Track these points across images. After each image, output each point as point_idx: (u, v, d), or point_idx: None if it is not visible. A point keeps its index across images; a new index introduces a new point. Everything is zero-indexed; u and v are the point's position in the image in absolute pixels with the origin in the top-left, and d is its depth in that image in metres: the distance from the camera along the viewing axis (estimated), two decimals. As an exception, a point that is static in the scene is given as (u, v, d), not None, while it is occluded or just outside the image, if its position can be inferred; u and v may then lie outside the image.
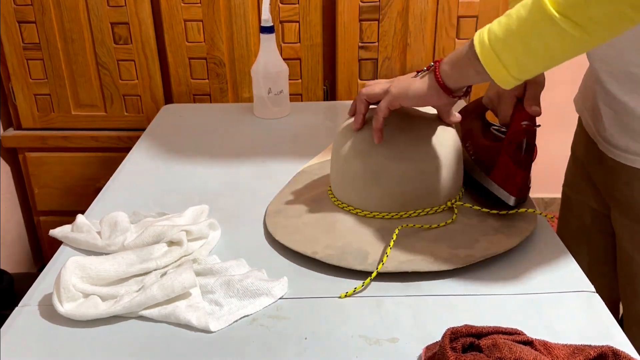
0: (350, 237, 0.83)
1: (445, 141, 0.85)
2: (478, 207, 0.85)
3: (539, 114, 0.83)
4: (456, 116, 0.87)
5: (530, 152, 0.84)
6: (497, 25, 0.68)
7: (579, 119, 1.04)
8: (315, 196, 0.93)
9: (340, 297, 0.74)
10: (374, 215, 0.85)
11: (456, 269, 0.77)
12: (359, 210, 0.86)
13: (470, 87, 0.80)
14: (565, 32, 0.63)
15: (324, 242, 0.82)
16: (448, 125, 0.87)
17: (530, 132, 0.83)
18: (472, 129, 0.95)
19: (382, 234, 0.82)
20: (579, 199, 1.04)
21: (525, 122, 0.83)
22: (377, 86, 0.83)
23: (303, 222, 0.87)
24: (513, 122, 0.84)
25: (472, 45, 0.70)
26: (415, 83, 0.78)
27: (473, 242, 0.80)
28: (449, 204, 0.86)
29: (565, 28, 0.63)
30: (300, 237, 0.84)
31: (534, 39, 0.65)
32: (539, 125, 0.83)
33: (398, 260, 0.78)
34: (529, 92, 0.84)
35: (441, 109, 0.86)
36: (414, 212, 0.85)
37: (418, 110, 0.89)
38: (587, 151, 1.00)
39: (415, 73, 0.81)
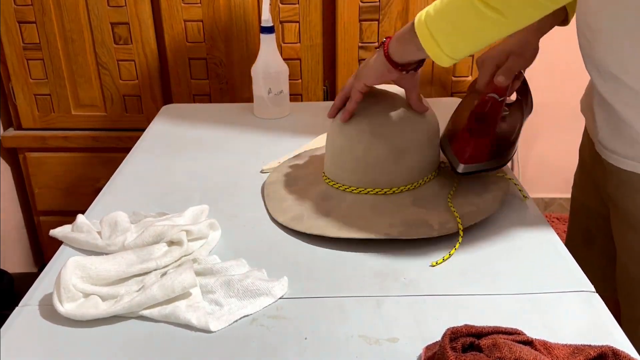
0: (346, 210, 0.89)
1: (418, 124, 0.90)
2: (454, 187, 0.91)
3: (503, 85, 0.86)
4: (422, 107, 0.91)
5: (485, 122, 0.86)
6: (433, 5, 0.75)
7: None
8: (311, 172, 1.01)
9: (432, 265, 0.79)
10: (352, 190, 0.91)
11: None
12: (353, 188, 0.92)
13: (421, 61, 0.85)
14: (484, 14, 0.69)
15: (325, 221, 0.87)
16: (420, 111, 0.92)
17: (492, 104, 0.84)
18: (469, 102, 0.98)
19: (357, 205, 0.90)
20: (585, 201, 1.05)
21: (490, 94, 0.84)
22: (350, 78, 0.90)
23: (294, 197, 0.94)
24: (483, 92, 0.86)
25: (412, 24, 0.77)
26: (369, 61, 0.85)
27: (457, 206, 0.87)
28: (420, 182, 0.91)
29: (484, 11, 0.69)
30: (290, 214, 0.90)
31: (459, 19, 0.72)
32: (504, 99, 0.84)
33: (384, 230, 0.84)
34: (506, 64, 0.86)
35: (406, 91, 0.91)
36: (398, 188, 0.90)
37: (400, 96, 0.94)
38: (590, 153, 1.00)
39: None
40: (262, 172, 1.07)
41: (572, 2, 0.92)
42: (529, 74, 1.01)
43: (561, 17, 0.96)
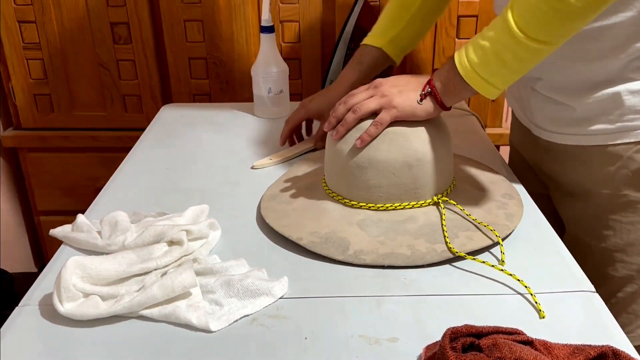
0: (334, 225, 0.84)
1: (434, 135, 0.86)
2: (461, 207, 0.86)
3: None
4: None
5: None
6: (472, 49, 0.78)
7: (512, 111, 1.14)
8: (310, 184, 0.96)
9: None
10: (361, 206, 0.87)
11: (442, 265, 0.79)
12: (346, 200, 0.88)
13: None
14: (533, 47, 0.74)
15: (310, 229, 0.84)
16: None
17: None
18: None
19: (366, 224, 0.84)
20: (526, 186, 1.06)
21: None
22: (370, 102, 0.85)
23: (293, 208, 0.90)
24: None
25: (457, 72, 0.80)
26: (421, 107, 0.84)
27: (452, 238, 0.81)
28: (435, 199, 0.87)
29: (532, 45, 0.74)
30: (288, 222, 0.86)
31: (509, 59, 0.76)
32: None
33: (377, 253, 0.79)
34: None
35: None
36: (400, 204, 0.86)
37: None
38: (522, 139, 1.09)
39: (403, 78, 0.88)
40: (253, 168, 1.08)
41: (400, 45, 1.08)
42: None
43: (387, 64, 1.10)
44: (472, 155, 1.08)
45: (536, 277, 0.77)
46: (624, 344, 0.65)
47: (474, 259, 0.78)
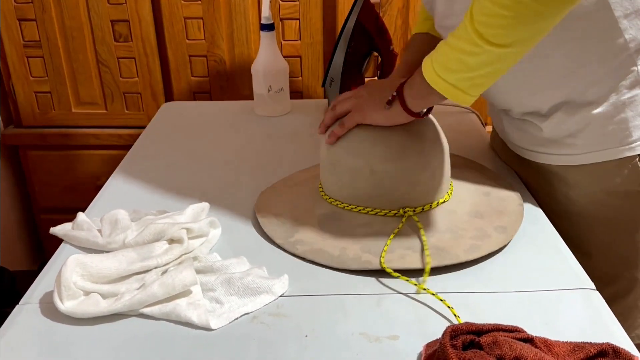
0: (299, 214, 0.88)
1: (410, 145, 0.84)
2: (421, 227, 0.82)
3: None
4: None
5: None
6: (435, 58, 0.77)
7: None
8: (306, 184, 0.98)
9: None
10: (330, 202, 0.88)
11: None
12: (326, 196, 0.90)
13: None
14: (497, 52, 0.71)
15: (276, 211, 0.89)
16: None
17: None
18: None
19: (326, 218, 0.87)
20: None
21: None
22: (347, 102, 0.88)
23: (289, 209, 0.91)
24: None
25: (423, 78, 0.78)
26: (386, 113, 0.84)
27: (390, 252, 0.80)
28: (401, 211, 0.84)
29: (496, 50, 0.71)
30: (283, 229, 0.87)
31: (472, 62, 0.73)
32: None
33: (311, 246, 0.82)
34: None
35: None
36: (356, 207, 0.86)
37: None
38: (502, 147, 1.08)
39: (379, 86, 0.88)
40: None
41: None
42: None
43: None
44: (472, 154, 1.08)
45: (536, 274, 0.77)
46: (624, 341, 0.65)
47: (398, 275, 0.76)
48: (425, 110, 0.86)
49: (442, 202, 0.87)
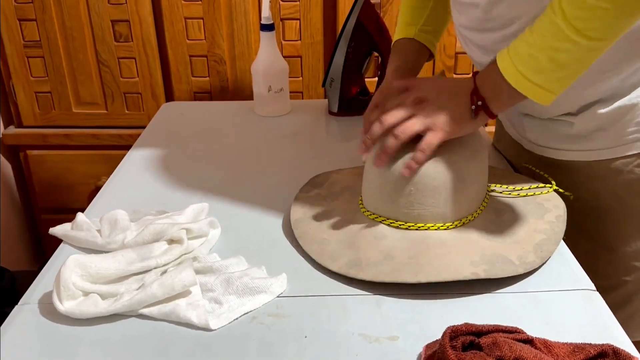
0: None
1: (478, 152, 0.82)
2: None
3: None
4: None
5: None
6: (521, 60, 0.72)
7: (498, 120, 1.12)
8: (345, 205, 0.90)
9: None
10: (407, 226, 0.81)
11: None
12: (375, 216, 0.83)
13: None
14: (591, 46, 0.69)
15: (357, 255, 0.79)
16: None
17: None
18: None
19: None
20: None
21: None
22: (413, 125, 0.78)
23: (336, 238, 0.83)
24: None
25: (504, 80, 0.73)
26: (473, 123, 0.78)
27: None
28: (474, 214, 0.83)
29: (590, 44, 0.68)
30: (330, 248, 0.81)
31: (564, 59, 0.70)
32: None
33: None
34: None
35: None
36: (414, 224, 0.81)
37: None
38: (508, 147, 1.07)
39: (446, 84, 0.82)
40: None
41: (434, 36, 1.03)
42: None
43: (427, 54, 1.03)
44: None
45: (536, 275, 0.76)
46: (624, 341, 0.65)
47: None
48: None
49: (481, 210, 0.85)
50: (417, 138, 0.78)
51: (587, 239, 0.91)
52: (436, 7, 1.02)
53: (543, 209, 0.86)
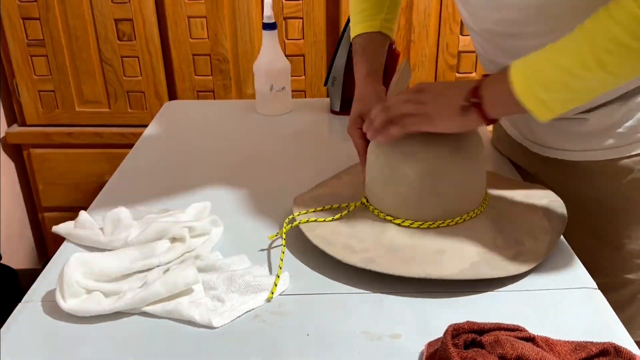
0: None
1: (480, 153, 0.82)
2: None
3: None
4: None
5: None
6: (536, 78, 0.70)
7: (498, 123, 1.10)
8: (349, 201, 0.89)
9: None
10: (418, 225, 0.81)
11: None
12: (385, 215, 0.83)
13: None
14: (606, 79, 0.68)
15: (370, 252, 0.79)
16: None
17: None
18: None
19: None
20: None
21: None
22: (404, 106, 0.79)
23: (346, 235, 0.83)
24: None
25: (510, 88, 0.71)
26: (460, 119, 0.76)
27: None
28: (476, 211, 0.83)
29: (606, 77, 0.67)
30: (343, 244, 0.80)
31: (577, 86, 0.69)
32: None
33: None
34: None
35: None
36: (423, 222, 0.81)
37: None
38: (510, 148, 1.07)
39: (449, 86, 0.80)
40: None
41: None
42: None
43: (387, 43, 1.03)
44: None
45: (538, 273, 0.76)
46: (625, 340, 0.65)
47: None
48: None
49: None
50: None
51: (591, 236, 0.90)
52: None
53: (543, 207, 0.86)
